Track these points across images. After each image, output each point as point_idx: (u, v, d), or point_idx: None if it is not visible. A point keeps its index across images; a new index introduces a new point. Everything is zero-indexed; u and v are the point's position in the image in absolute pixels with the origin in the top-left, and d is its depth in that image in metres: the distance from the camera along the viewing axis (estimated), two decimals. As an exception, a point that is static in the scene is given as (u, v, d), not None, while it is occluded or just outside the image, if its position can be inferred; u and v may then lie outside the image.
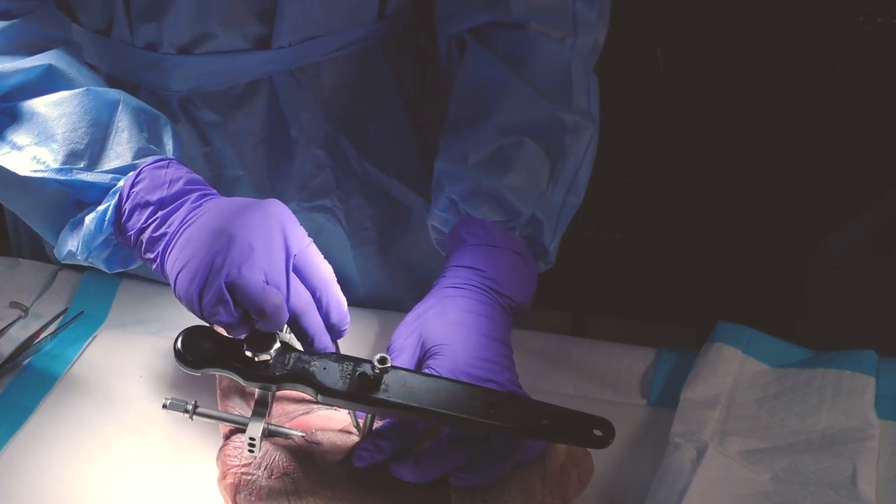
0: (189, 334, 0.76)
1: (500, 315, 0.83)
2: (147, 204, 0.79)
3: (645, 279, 2.22)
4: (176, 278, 0.75)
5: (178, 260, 0.75)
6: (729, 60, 1.96)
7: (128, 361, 0.97)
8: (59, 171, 0.80)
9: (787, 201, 2.00)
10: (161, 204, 0.79)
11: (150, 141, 0.83)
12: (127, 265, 0.85)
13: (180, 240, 0.76)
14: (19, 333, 1.00)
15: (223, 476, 0.78)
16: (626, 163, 2.03)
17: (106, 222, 0.80)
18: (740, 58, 1.96)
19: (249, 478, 0.77)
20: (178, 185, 0.79)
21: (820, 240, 1.81)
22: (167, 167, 0.81)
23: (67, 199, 0.82)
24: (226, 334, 0.77)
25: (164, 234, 0.77)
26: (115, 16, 0.94)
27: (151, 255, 0.78)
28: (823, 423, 0.86)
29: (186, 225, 0.77)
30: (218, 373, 0.76)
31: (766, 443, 0.85)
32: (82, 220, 0.81)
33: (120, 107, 0.83)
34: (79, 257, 0.83)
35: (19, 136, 0.82)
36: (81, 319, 1.02)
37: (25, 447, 0.88)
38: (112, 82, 0.99)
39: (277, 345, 0.75)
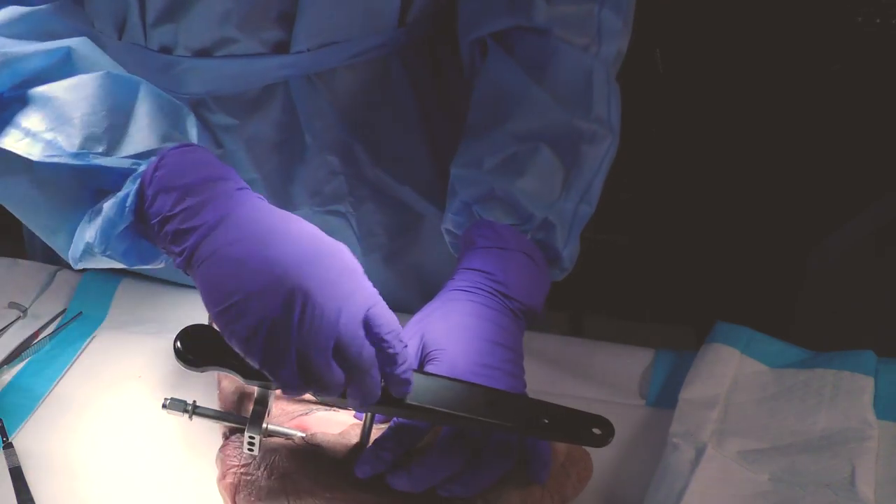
0: (189, 333, 0.76)
1: (507, 319, 0.83)
2: (172, 188, 0.71)
3: (643, 279, 2.22)
4: (224, 310, 0.68)
5: (227, 288, 0.68)
6: (727, 61, 1.97)
7: (127, 362, 0.97)
8: (75, 155, 0.73)
9: (785, 202, 2.00)
10: (187, 189, 0.71)
11: (173, 127, 0.77)
12: (147, 260, 0.78)
13: (224, 254, 0.69)
14: (18, 334, 1.00)
15: (222, 476, 0.78)
16: (624, 163, 2.03)
17: (127, 209, 0.72)
18: (739, 58, 1.96)
19: (249, 478, 0.77)
20: (207, 171, 0.73)
21: (818, 240, 1.82)
22: (193, 152, 0.74)
23: (84, 189, 0.75)
24: None
25: (195, 227, 0.70)
26: (128, 17, 0.92)
27: (177, 249, 0.71)
28: (822, 423, 0.86)
29: (227, 228, 0.70)
30: (218, 371, 0.76)
31: (764, 443, 0.85)
32: (101, 209, 0.74)
33: (141, 92, 0.78)
34: (96, 250, 0.75)
35: (32, 122, 0.75)
36: (80, 320, 1.02)
37: (24, 448, 0.87)
38: None
39: None
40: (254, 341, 0.68)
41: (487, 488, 0.76)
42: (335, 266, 0.69)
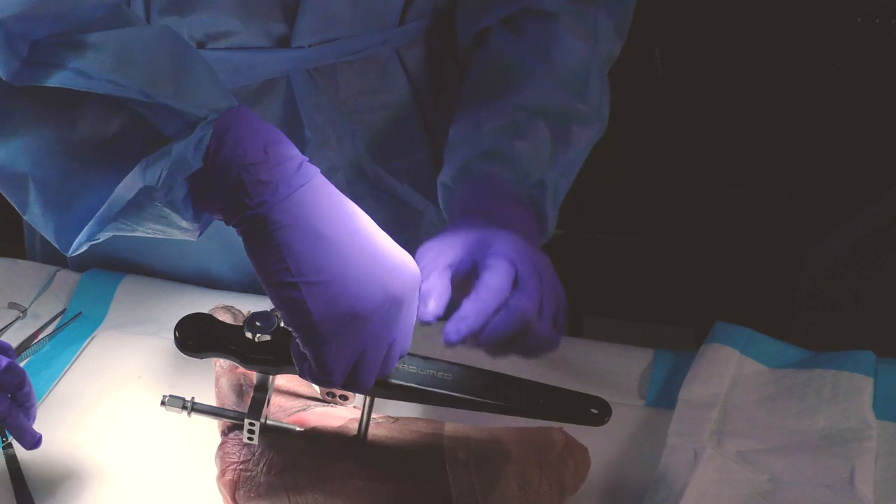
0: (189, 320, 0.77)
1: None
2: (255, 137, 0.68)
3: (642, 280, 2.22)
4: (308, 284, 0.67)
5: (320, 263, 0.67)
6: (727, 60, 1.97)
7: (126, 362, 0.97)
8: (144, 93, 0.67)
9: (784, 202, 2.00)
10: (269, 142, 0.68)
11: (229, 92, 0.73)
12: (196, 217, 0.72)
13: (319, 224, 0.68)
14: (18, 334, 1.00)
15: (222, 473, 0.78)
16: (623, 163, 2.03)
17: (202, 151, 0.68)
18: (738, 58, 1.96)
19: (248, 474, 0.77)
20: (279, 133, 0.70)
21: (817, 241, 1.82)
22: (255, 115, 0.71)
23: (135, 139, 0.69)
24: (225, 321, 0.78)
25: (276, 182, 0.67)
26: (131, 5, 0.91)
27: (255, 202, 0.67)
28: (821, 423, 0.86)
29: (317, 193, 0.69)
30: (219, 357, 0.77)
31: (764, 443, 0.85)
32: (167, 152, 0.68)
33: (197, 53, 0.72)
34: (157, 194, 0.69)
35: (88, 64, 0.68)
36: (80, 320, 1.02)
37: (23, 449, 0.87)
38: None
39: (277, 325, 0.76)
40: (332, 327, 0.67)
41: (486, 471, 0.76)
42: (414, 282, 0.72)
